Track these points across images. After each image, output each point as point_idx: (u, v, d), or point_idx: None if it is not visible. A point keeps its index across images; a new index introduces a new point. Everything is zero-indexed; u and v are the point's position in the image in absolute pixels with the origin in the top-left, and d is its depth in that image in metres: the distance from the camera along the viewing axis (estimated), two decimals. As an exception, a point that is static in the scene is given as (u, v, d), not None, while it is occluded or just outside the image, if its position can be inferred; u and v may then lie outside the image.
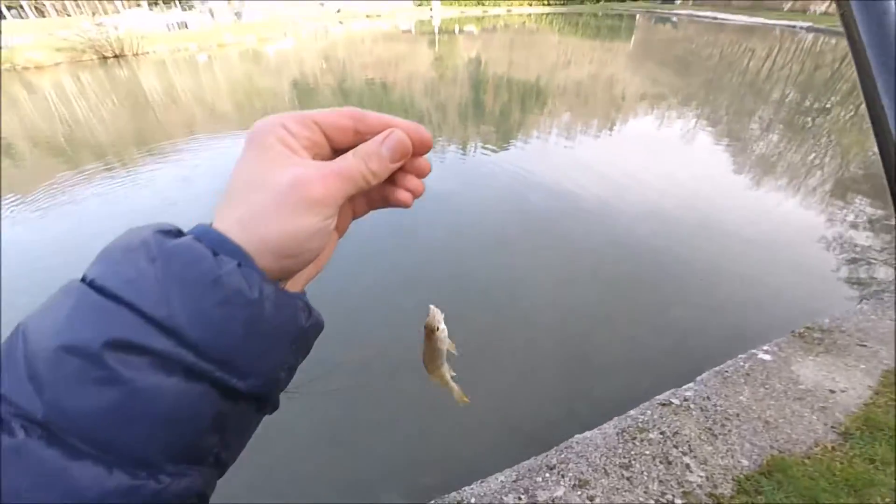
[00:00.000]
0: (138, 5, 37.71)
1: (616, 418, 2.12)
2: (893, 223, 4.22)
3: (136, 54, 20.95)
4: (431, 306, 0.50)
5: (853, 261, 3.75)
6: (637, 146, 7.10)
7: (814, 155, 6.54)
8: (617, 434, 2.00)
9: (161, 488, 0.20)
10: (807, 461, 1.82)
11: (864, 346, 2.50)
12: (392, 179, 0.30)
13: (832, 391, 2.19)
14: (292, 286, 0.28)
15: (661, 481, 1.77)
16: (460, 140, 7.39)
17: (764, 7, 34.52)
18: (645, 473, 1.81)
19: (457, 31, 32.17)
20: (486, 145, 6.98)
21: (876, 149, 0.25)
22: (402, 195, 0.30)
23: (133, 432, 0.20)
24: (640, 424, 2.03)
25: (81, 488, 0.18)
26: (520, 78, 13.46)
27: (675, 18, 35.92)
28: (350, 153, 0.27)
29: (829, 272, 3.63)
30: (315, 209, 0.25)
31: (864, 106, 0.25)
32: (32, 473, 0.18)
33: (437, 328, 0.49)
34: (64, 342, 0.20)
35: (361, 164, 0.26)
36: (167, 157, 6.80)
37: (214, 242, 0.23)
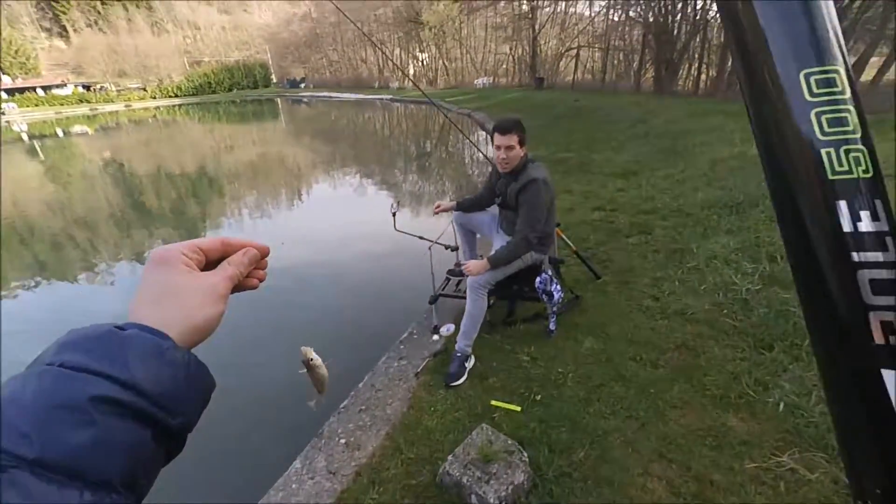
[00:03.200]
0: None
1: None
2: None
3: None
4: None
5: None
6: (327, 206, 8.19)
7: (439, 183, 9.52)
8: None
9: (111, 502, 0.26)
10: None
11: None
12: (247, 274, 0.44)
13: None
14: None
15: None
16: (133, 252, 6.30)
17: (362, 86, 45.67)
18: None
19: (61, 134, 26.02)
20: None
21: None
22: (253, 281, 0.45)
23: (101, 460, 0.26)
24: None
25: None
26: (180, 171, 12.54)
27: (305, 99, 41.73)
28: (227, 264, 0.41)
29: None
30: (222, 300, 0.38)
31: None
32: (24, 496, 0.23)
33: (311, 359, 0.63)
34: (56, 402, 0.26)
35: (235, 269, 0.41)
36: None
37: (152, 331, 0.32)
